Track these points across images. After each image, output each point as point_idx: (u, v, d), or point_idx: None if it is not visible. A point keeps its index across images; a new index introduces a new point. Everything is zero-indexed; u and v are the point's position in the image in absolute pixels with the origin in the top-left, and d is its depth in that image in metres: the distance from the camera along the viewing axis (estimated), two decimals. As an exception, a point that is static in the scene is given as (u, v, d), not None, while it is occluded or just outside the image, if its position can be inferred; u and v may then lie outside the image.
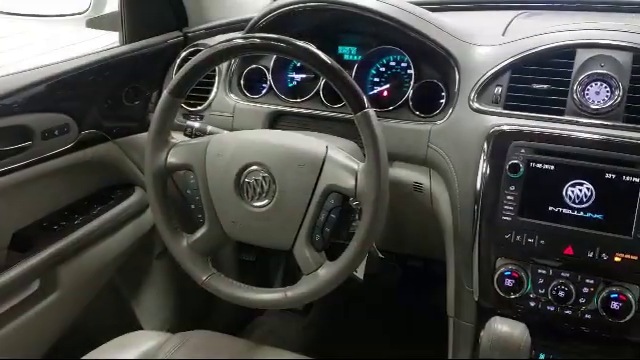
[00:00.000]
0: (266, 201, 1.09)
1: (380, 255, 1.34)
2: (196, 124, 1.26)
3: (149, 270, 1.78)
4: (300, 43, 1.02)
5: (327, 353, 1.89)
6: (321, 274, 1.06)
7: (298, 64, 1.45)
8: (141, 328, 1.74)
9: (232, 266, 1.81)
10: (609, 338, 1.11)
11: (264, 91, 1.44)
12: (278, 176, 1.07)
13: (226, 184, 1.10)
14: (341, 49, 1.43)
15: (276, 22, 1.39)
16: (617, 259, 1.04)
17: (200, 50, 1.23)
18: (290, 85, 1.46)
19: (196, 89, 1.31)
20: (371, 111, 1.00)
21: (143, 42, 1.52)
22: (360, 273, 1.27)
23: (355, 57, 1.41)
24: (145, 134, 1.18)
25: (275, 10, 1.37)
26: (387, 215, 1.03)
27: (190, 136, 1.25)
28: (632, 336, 1.09)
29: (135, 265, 1.72)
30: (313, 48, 1.03)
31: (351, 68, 1.35)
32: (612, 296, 1.05)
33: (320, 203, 1.06)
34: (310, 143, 1.10)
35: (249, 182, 1.09)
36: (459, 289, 1.24)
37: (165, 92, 1.11)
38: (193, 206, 1.15)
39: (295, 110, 1.39)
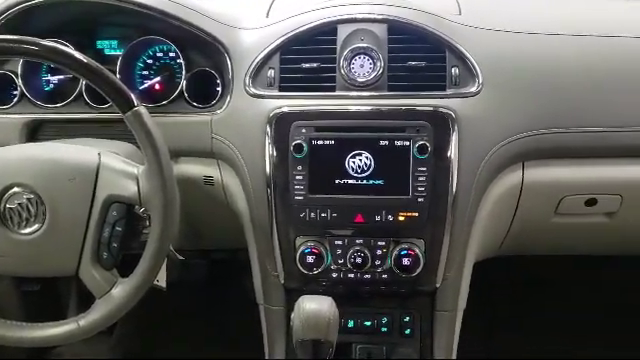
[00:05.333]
0: (36, 226, 0.99)
1: (180, 257, 1.28)
2: None
3: None
4: (46, 42, 0.93)
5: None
6: (116, 294, 0.99)
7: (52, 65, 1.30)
8: None
9: (13, 301, 1.59)
10: (406, 292, 1.22)
11: (15, 99, 1.29)
12: (46, 195, 0.98)
13: None
14: (100, 44, 1.33)
15: (17, 20, 1.24)
16: (401, 218, 1.13)
17: None
18: (47, 89, 1.33)
19: None
20: (141, 109, 0.95)
21: None
22: (162, 281, 1.20)
23: (117, 50, 1.32)
24: None
25: (13, 7, 1.23)
26: (181, 215, 1.00)
27: None
28: (424, 286, 1.20)
29: None
30: (63, 47, 0.95)
31: (114, 63, 1.26)
32: (402, 253, 1.15)
33: (101, 217, 0.98)
34: (79, 152, 1.02)
35: (12, 207, 0.98)
36: (265, 275, 1.25)
37: None
38: None
39: (57, 116, 1.27)
